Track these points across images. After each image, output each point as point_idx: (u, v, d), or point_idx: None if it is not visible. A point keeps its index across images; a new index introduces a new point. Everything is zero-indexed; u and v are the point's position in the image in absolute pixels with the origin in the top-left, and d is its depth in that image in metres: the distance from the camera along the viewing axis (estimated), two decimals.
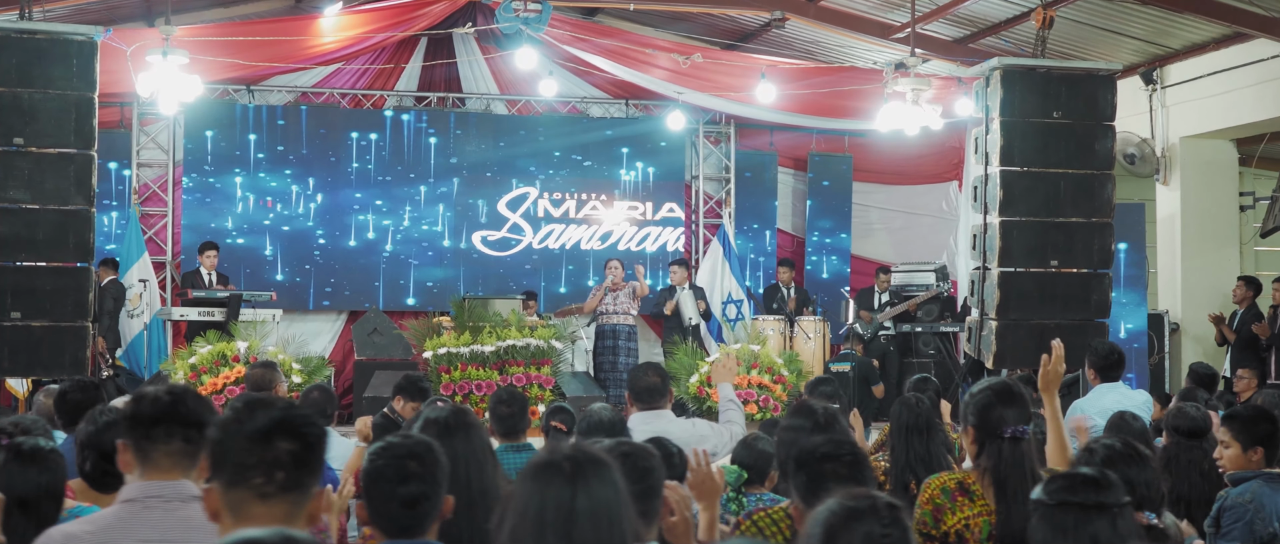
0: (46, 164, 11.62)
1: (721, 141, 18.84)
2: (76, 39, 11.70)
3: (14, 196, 11.54)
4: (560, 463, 3.04)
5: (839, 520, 3.03)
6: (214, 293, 15.46)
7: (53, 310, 11.67)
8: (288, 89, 17.71)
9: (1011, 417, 4.60)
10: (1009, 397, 4.68)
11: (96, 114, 11.74)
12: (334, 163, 17.62)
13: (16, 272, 11.61)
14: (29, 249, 11.62)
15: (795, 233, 18.96)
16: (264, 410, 3.10)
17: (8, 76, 11.51)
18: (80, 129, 11.66)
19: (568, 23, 16.07)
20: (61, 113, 11.62)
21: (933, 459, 7.06)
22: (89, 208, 11.72)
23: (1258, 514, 5.77)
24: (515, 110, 18.23)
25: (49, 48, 11.62)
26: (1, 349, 11.56)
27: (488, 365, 14.05)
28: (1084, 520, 3.28)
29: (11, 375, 11.96)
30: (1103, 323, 13.52)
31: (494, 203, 17.94)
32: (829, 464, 4.06)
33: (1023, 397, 4.73)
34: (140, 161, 17.34)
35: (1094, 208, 13.39)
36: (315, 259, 17.56)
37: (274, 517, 3.00)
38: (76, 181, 11.66)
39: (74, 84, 11.63)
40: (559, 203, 18.17)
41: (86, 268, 11.80)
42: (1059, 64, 13.56)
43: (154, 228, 17.33)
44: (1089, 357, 9.56)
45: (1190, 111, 15.30)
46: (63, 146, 11.63)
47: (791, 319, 16.51)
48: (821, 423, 4.94)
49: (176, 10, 16.65)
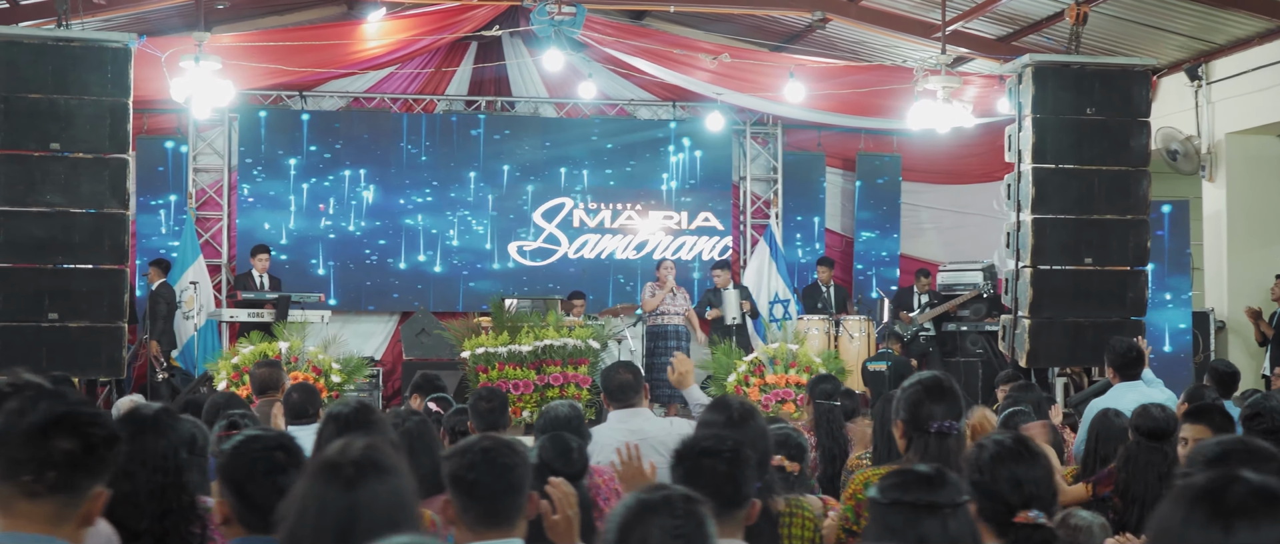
0: (82, 168, 11.70)
1: (769, 142, 18.62)
2: (111, 46, 11.77)
3: (51, 200, 11.63)
4: (342, 465, 2.90)
5: (633, 515, 2.92)
6: (263, 294, 15.51)
7: (90, 312, 11.75)
8: (340, 94, 17.74)
9: (940, 412, 4.51)
10: (939, 392, 4.57)
11: (131, 119, 11.81)
12: (385, 166, 17.61)
13: (54, 274, 11.70)
14: (66, 251, 11.72)
15: (844, 232, 18.68)
16: (48, 405, 2.89)
17: (44, 83, 11.59)
18: (115, 134, 11.73)
19: (610, 26, 15.95)
20: (97, 118, 11.69)
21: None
22: (124, 211, 11.79)
23: None
24: (563, 113, 18.16)
25: (84, 55, 11.70)
26: (40, 349, 11.62)
27: (525, 365, 13.93)
28: (914, 520, 3.08)
29: (51, 372, 11.96)
30: (1139, 321, 13.18)
31: (534, 208, 17.89)
32: (707, 460, 3.90)
33: (953, 393, 4.61)
34: (197, 166, 17.47)
35: (1129, 205, 13.05)
36: (367, 262, 17.55)
37: (39, 516, 2.83)
38: (111, 185, 11.73)
39: (109, 90, 11.71)
40: (594, 213, 18.06)
41: (122, 270, 11.85)
42: (1092, 60, 13.21)
43: (210, 231, 17.46)
44: (1107, 355, 9.25)
45: (1235, 107, 14.84)
46: (98, 151, 11.71)
47: (837, 318, 16.28)
48: (736, 418, 4.76)
49: (232, 19, 16.89)
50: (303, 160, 17.46)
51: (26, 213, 11.61)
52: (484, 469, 3.67)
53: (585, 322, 14.93)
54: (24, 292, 11.63)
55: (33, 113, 11.60)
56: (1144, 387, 8.90)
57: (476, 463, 3.69)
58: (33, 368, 11.34)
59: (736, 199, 18.53)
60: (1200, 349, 14.88)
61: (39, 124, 11.61)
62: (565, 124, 18.11)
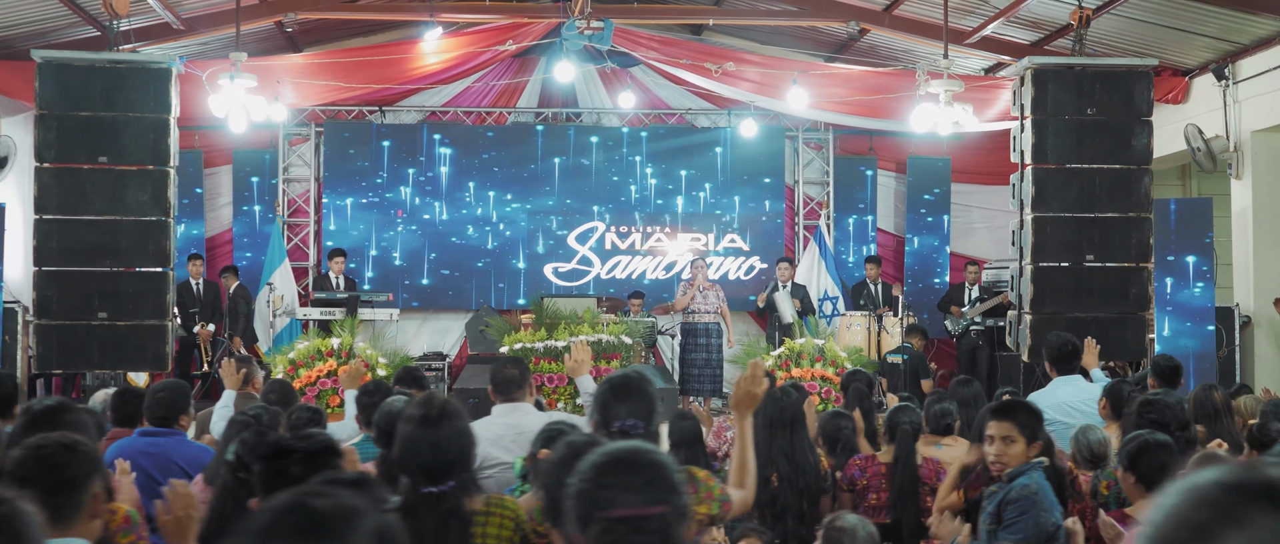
0: (128, 180, 12.00)
1: (822, 147, 18.43)
2: (154, 67, 12.10)
3: (99, 209, 11.98)
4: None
5: None
6: (334, 294, 15.88)
7: (135, 311, 12.07)
8: (418, 109, 18.07)
9: (624, 411, 4.38)
10: (625, 392, 4.44)
11: (173, 134, 12.09)
12: (457, 176, 17.87)
13: (103, 276, 12.00)
14: (113, 256, 12.02)
15: (896, 232, 18.42)
16: None
17: (93, 101, 11.94)
18: (157, 148, 12.02)
19: (655, 39, 15.97)
20: (141, 134, 12.00)
21: (795, 452, 6.84)
22: (166, 218, 12.06)
23: (1042, 505, 5.34)
24: (625, 123, 18.22)
25: (129, 76, 12.03)
26: (92, 345, 12.04)
27: (560, 359, 14.06)
28: None
29: (101, 367, 12.45)
30: (1143, 318, 12.79)
31: (582, 217, 18.06)
32: (283, 460, 3.83)
33: (640, 392, 4.45)
34: (288, 177, 17.97)
35: (1131, 203, 12.61)
36: (441, 265, 17.85)
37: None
38: (154, 195, 12.02)
39: (152, 108, 12.01)
40: (625, 235, 18.09)
41: (165, 272, 12.18)
42: (1094, 62, 12.80)
43: (299, 236, 17.94)
44: (1044, 349, 9.06)
45: (1261, 106, 14.24)
46: (142, 163, 12.06)
47: (879, 314, 16.09)
48: (433, 417, 4.33)
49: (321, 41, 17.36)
50: (382, 170, 17.81)
51: (77, 220, 11.95)
52: (34, 466, 3.53)
53: (624, 318, 14.99)
54: (76, 292, 11.96)
55: (83, 129, 11.94)
56: (1080, 381, 8.66)
57: (26, 460, 3.55)
58: (85, 362, 11.96)
59: (790, 201, 18.36)
60: (1223, 343, 14.34)
61: (88, 139, 11.92)
62: (626, 133, 18.13)
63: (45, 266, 12.00)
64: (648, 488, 2.69)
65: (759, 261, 18.01)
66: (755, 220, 18.05)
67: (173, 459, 6.12)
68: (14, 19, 14.23)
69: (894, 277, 17.94)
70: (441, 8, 15.60)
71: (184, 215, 17.47)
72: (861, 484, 7.02)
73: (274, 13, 15.32)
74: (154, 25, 14.85)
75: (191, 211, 17.53)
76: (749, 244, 18.04)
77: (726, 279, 17.63)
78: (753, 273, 17.97)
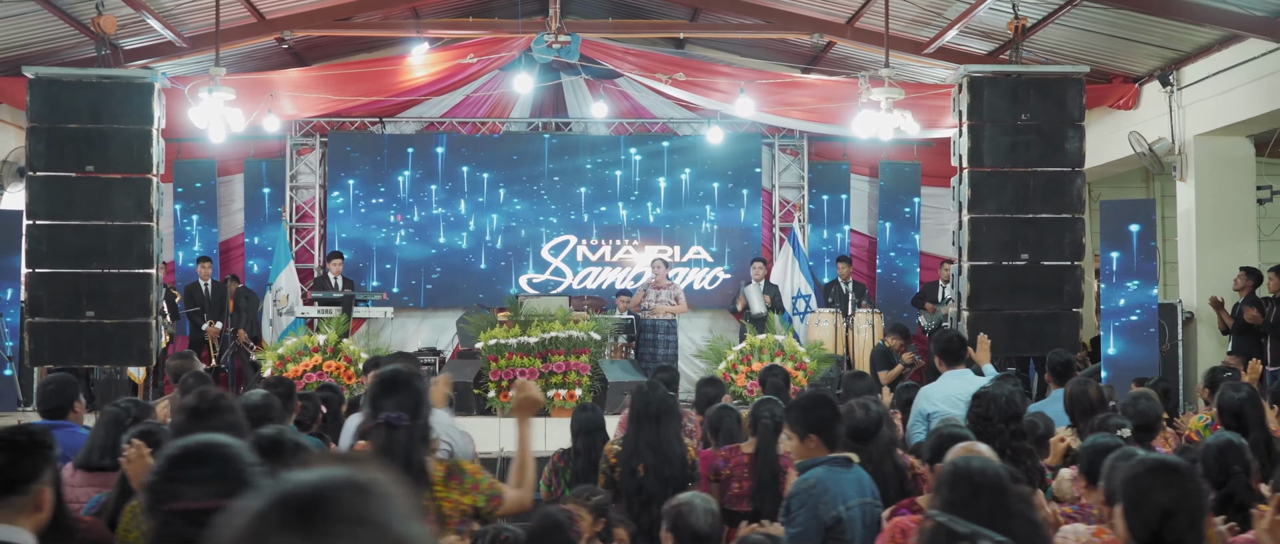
0: (113, 187, 12.34)
1: (798, 153, 18.54)
2: (137, 82, 12.46)
3: (87, 214, 12.36)
4: None
5: None
6: (330, 294, 16.22)
7: (121, 309, 12.39)
8: (418, 120, 18.40)
9: (390, 404, 4.44)
10: (392, 386, 4.49)
11: (154, 144, 12.36)
12: (451, 183, 18.14)
13: (90, 277, 12.33)
14: (99, 258, 12.35)
15: (869, 233, 18.53)
16: None
17: (80, 114, 12.28)
18: (140, 157, 12.34)
19: (616, 50, 16.18)
20: (125, 144, 12.34)
21: (661, 444, 6.97)
22: (149, 223, 12.38)
23: (821, 498, 5.43)
24: (613, 131, 18.41)
25: (114, 90, 12.38)
26: (81, 341, 12.39)
27: (532, 354, 14.31)
28: None
29: (89, 362, 12.83)
30: (1076, 314, 12.86)
31: (558, 229, 18.30)
32: None
33: (407, 387, 4.50)
34: (295, 184, 18.36)
35: (1064, 204, 12.66)
36: (438, 266, 18.16)
37: None
38: (137, 202, 12.35)
39: (135, 119, 12.37)
40: (595, 248, 18.29)
41: (148, 274, 12.47)
42: (1028, 69, 12.85)
43: (305, 239, 18.34)
44: (932, 344, 9.20)
45: (1202, 110, 14.18)
46: (126, 172, 12.42)
47: (847, 312, 16.24)
48: (204, 409, 4.31)
49: (328, 56, 17.75)
50: (382, 178, 18.13)
51: (66, 225, 12.29)
52: None
53: (595, 315, 15.24)
54: (65, 293, 12.30)
55: (70, 140, 12.30)
56: (968, 374, 8.69)
57: None
58: (74, 357, 12.33)
59: (768, 204, 18.50)
60: (1166, 339, 14.38)
61: (75, 150, 12.29)
62: (611, 140, 18.37)
63: (37, 268, 12.38)
64: (214, 481, 2.67)
65: (723, 272, 18.16)
66: (730, 229, 18.19)
67: (62, 449, 6.37)
68: (29, 38, 14.66)
69: (867, 276, 18.06)
70: (428, 26, 15.93)
71: (201, 220, 17.96)
72: (726, 474, 7.13)
73: (273, 30, 15.70)
74: (159, 44, 15.26)
75: (206, 217, 17.97)
76: (715, 255, 18.19)
77: (691, 289, 17.70)
78: (717, 283, 18.15)
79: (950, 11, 14.40)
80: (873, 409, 6.21)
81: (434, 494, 4.38)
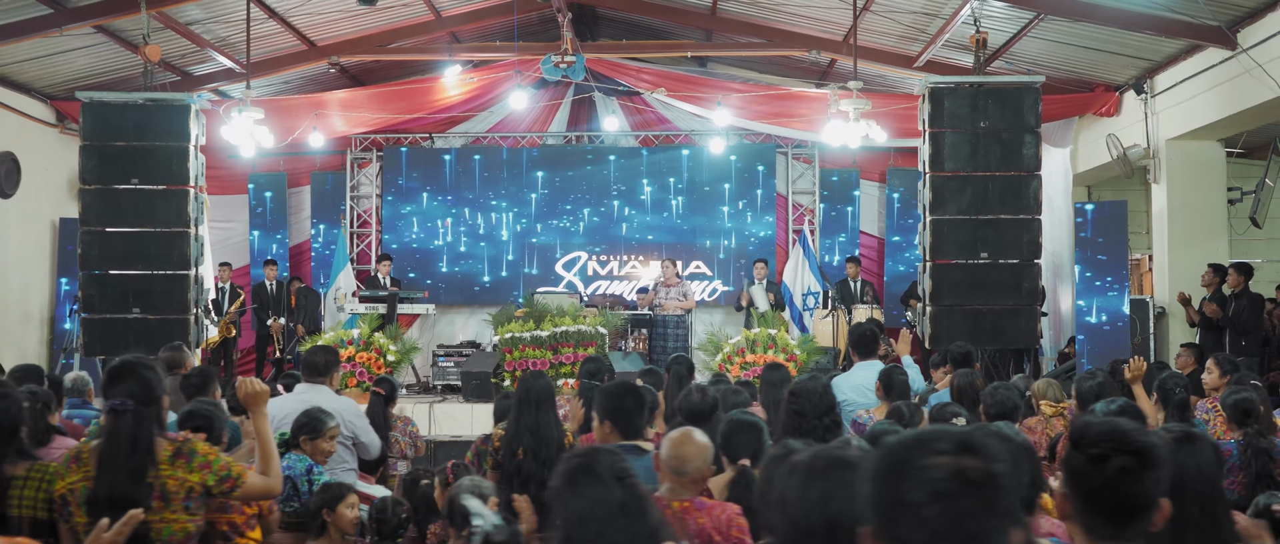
0: (155, 198, 13.04)
1: (811, 161, 18.83)
2: (177, 104, 13.28)
3: (132, 221, 13.15)
4: None
5: None
6: (377, 292, 16.98)
7: (163, 307, 13.12)
8: (464, 135, 19.14)
9: (118, 392, 4.38)
10: (119, 376, 4.45)
11: (191, 159, 13.06)
12: (490, 194, 18.81)
13: (136, 278, 13.06)
14: (144, 261, 13.07)
15: (879, 235, 18.79)
16: None
17: (127, 133, 13.04)
18: (179, 171, 13.06)
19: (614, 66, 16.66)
20: (165, 159, 13.08)
21: (540, 427, 6.82)
22: (187, 229, 13.10)
23: None
24: (640, 143, 18.96)
25: (156, 111, 13.17)
26: (128, 336, 13.11)
27: (543, 346, 14.86)
28: None
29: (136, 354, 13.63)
30: (1033, 308, 12.98)
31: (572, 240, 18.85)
32: None
33: (129, 375, 4.46)
34: (356, 193, 19.23)
35: (1021, 205, 12.70)
36: (480, 268, 18.88)
37: None
38: (177, 211, 13.07)
39: (175, 137, 13.12)
40: (604, 263, 18.75)
41: (187, 275, 13.20)
42: (987, 79, 12.95)
43: (364, 243, 19.20)
44: (848, 336, 9.51)
45: (1174, 116, 14.13)
46: (167, 184, 13.26)
47: (849, 308, 16.52)
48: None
49: (378, 80, 18.54)
50: (431, 187, 18.90)
51: (114, 232, 13.03)
52: None
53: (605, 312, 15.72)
54: (114, 292, 13.05)
55: (118, 156, 13.06)
56: (879, 365, 8.93)
57: None
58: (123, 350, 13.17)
59: (783, 209, 18.84)
60: (1137, 333, 14.44)
61: (122, 165, 13.03)
62: (638, 151, 18.86)
63: (89, 270, 13.28)
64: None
65: (721, 285, 18.60)
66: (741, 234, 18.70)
67: None
68: (108, 67, 15.67)
69: (876, 275, 18.31)
70: (459, 49, 16.61)
71: (271, 227, 18.91)
72: None
73: (323, 56, 16.52)
74: (219, 71, 16.21)
75: (276, 224, 18.93)
76: (715, 269, 18.64)
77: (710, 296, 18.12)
78: (716, 296, 18.56)
79: (932, 27, 14.65)
80: (709, 393, 6.53)
81: (159, 472, 4.36)
